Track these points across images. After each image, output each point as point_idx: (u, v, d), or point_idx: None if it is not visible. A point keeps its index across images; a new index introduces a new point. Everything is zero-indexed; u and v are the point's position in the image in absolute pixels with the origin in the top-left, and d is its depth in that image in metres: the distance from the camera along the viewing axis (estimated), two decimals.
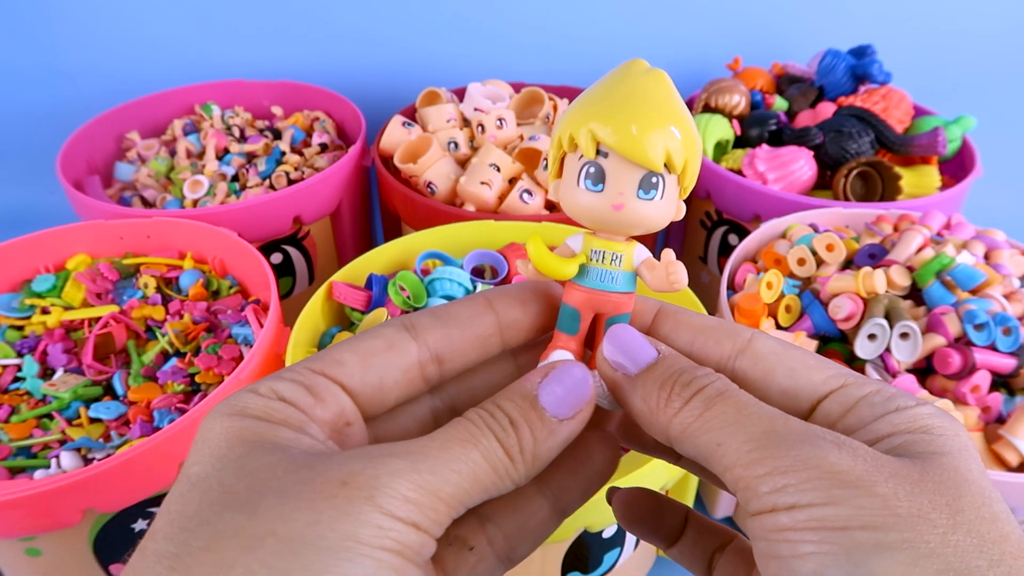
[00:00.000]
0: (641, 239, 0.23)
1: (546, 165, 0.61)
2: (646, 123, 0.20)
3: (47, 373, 0.50)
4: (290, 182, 0.70)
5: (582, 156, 0.21)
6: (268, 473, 0.16)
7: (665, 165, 0.20)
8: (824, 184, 0.70)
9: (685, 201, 0.22)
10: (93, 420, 0.46)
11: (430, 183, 0.65)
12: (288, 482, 0.16)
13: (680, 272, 0.21)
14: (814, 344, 0.49)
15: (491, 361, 0.23)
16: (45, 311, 0.54)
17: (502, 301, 0.22)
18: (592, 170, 0.21)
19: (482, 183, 0.63)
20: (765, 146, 0.70)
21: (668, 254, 0.22)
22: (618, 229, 0.21)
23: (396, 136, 0.70)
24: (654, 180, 0.20)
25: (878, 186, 0.67)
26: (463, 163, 0.69)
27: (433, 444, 0.18)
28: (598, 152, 0.21)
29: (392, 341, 0.20)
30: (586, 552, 0.44)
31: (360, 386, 0.20)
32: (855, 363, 0.49)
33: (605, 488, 0.22)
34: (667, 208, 0.21)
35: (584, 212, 0.21)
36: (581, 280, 0.22)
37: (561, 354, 0.22)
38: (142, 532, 0.44)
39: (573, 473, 0.22)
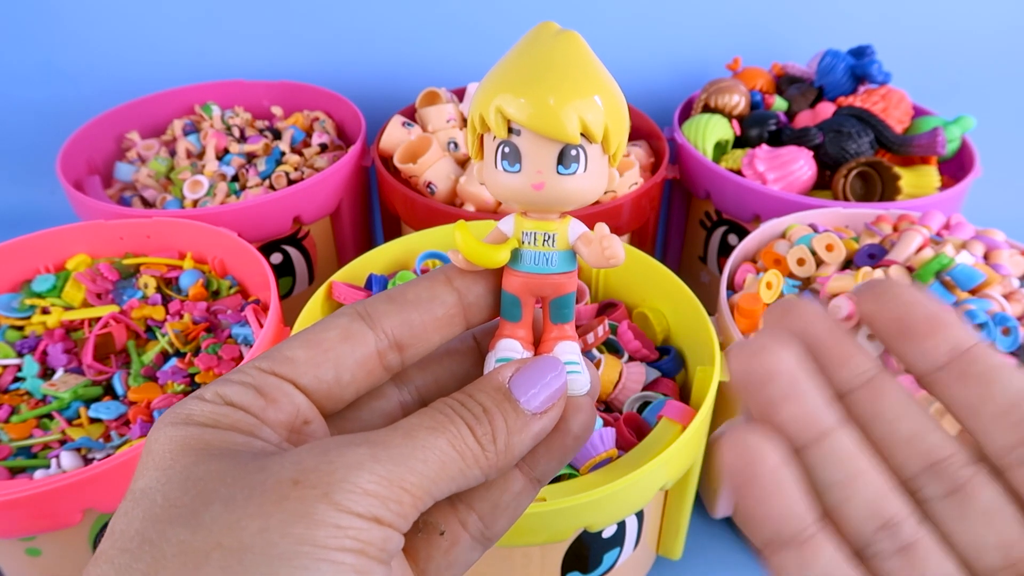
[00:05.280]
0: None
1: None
2: (558, 93, 0.18)
3: (47, 373, 0.50)
4: (290, 182, 0.70)
5: (495, 136, 0.19)
6: (216, 481, 0.15)
7: (583, 135, 0.19)
8: (824, 184, 0.70)
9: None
10: (93, 420, 0.46)
11: (430, 183, 0.65)
12: (236, 488, 0.15)
13: (615, 246, 0.20)
14: None
15: (460, 353, 0.23)
16: (45, 311, 0.54)
17: (463, 278, 0.21)
18: (507, 150, 0.19)
19: (482, 183, 0.63)
20: (765, 146, 0.70)
21: (601, 228, 0.20)
22: (544, 208, 0.20)
23: (396, 136, 0.70)
24: (573, 153, 0.19)
25: (878, 186, 0.67)
26: (463, 163, 0.69)
27: (396, 433, 0.17)
28: (510, 130, 0.19)
29: (347, 332, 0.19)
30: (586, 552, 0.44)
31: (314, 382, 0.19)
32: None
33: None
34: (594, 180, 0.20)
35: (506, 194, 0.20)
36: (516, 265, 0.21)
37: (508, 343, 0.21)
38: None
39: (547, 439, 0.20)
